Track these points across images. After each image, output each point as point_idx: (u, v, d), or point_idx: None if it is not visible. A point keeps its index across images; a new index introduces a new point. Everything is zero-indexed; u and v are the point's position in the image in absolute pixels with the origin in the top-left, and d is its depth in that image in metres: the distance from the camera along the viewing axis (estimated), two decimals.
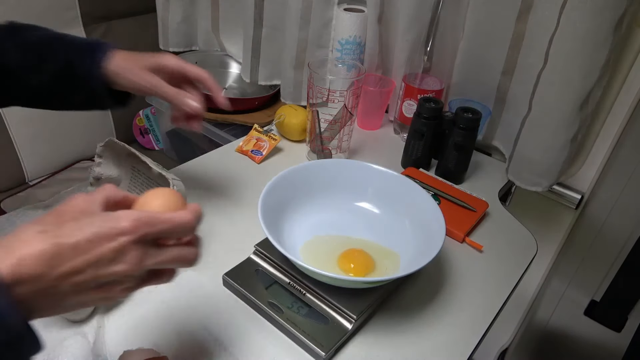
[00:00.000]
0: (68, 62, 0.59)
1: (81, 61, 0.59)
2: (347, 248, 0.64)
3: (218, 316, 0.58)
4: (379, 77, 1.00)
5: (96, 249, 0.33)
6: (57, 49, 0.59)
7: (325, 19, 0.99)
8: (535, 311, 1.11)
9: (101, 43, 0.60)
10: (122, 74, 0.58)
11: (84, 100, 0.62)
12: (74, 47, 0.60)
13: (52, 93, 0.61)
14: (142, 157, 0.64)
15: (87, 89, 0.60)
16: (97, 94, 0.60)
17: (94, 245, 0.33)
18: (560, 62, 0.73)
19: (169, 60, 0.59)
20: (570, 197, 0.93)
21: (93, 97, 0.61)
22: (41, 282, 0.32)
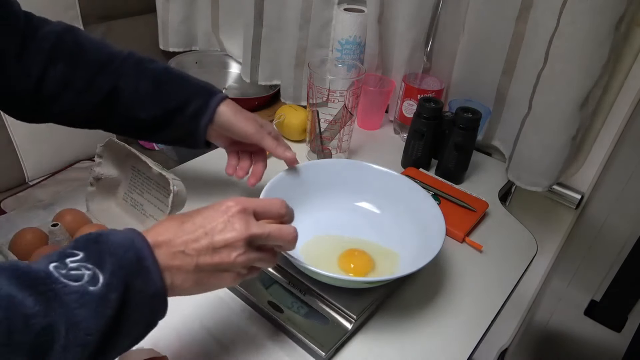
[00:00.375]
0: (183, 101, 0.62)
1: (196, 101, 0.62)
2: (347, 248, 0.64)
3: (218, 316, 0.58)
4: (379, 77, 1.00)
5: (210, 222, 0.42)
6: (175, 85, 0.63)
7: (325, 19, 0.99)
8: (535, 311, 1.11)
9: (214, 88, 0.65)
10: (229, 116, 0.63)
11: (176, 136, 0.65)
12: (192, 87, 0.64)
13: (154, 125, 0.64)
14: (142, 157, 0.64)
15: (189, 128, 0.63)
16: (195, 133, 0.63)
17: (207, 221, 0.42)
18: (560, 62, 0.73)
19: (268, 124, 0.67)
20: (570, 197, 0.92)
21: (189, 136, 0.64)
22: (170, 245, 0.40)
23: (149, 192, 0.67)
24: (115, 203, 0.71)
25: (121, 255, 0.37)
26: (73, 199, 0.72)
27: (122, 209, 0.70)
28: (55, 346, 0.32)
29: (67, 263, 0.35)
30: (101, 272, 0.35)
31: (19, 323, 0.31)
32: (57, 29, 0.60)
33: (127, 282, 0.36)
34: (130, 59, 0.62)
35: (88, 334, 0.33)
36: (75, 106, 0.61)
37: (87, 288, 0.34)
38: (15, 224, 0.65)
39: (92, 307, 0.34)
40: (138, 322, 0.38)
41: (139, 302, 0.37)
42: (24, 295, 0.32)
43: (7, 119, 1.12)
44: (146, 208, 0.67)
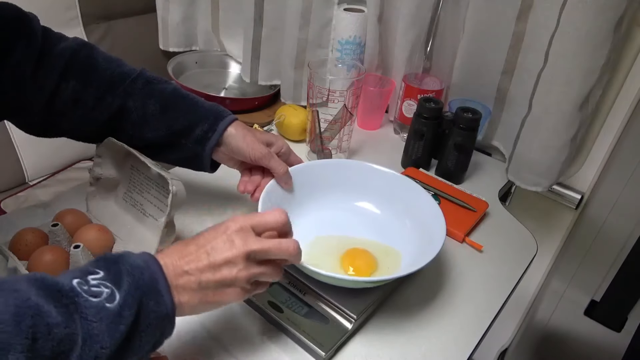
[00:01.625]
0: (189, 124, 0.62)
1: (202, 125, 0.62)
2: (347, 248, 0.64)
3: (218, 316, 0.58)
4: (379, 77, 1.00)
5: (210, 242, 0.44)
6: (182, 108, 0.63)
7: (325, 19, 0.99)
8: (535, 311, 1.11)
9: (222, 111, 0.64)
10: (234, 140, 0.62)
11: (179, 157, 0.66)
12: (200, 110, 0.63)
13: (158, 145, 0.64)
14: (141, 157, 0.64)
15: (194, 151, 0.63)
16: (202, 158, 0.64)
17: (208, 241, 0.44)
18: (560, 62, 0.73)
19: (279, 141, 0.66)
20: (570, 197, 0.93)
21: (194, 159, 0.64)
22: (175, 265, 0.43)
23: (149, 192, 0.67)
24: (115, 203, 0.70)
25: (137, 277, 0.40)
26: (73, 199, 0.72)
27: (122, 209, 0.69)
28: (73, 356, 0.34)
29: (89, 280, 0.38)
30: (118, 291, 0.38)
31: (44, 331, 0.33)
32: (72, 45, 0.60)
33: (141, 302, 0.39)
34: (141, 78, 0.62)
35: (103, 347, 0.36)
36: (84, 123, 0.62)
37: (105, 304, 0.37)
38: (15, 224, 0.65)
39: (108, 322, 0.36)
40: (147, 340, 0.40)
41: (150, 321, 0.40)
42: (50, 306, 0.34)
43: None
44: (146, 208, 0.67)
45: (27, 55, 0.57)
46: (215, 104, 0.66)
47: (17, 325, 0.32)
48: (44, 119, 0.61)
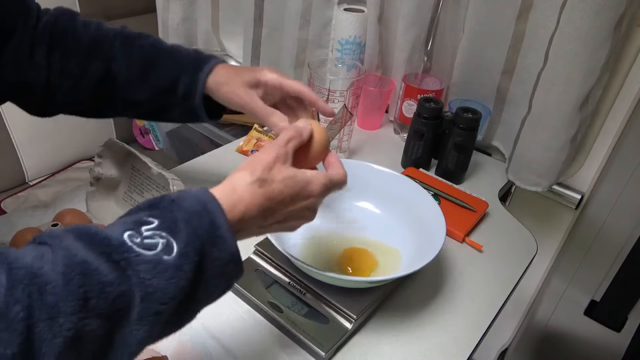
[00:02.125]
0: (172, 80, 0.61)
1: (184, 79, 0.60)
2: (347, 247, 0.64)
3: (218, 316, 0.58)
4: (379, 77, 1.00)
5: (295, 205, 0.43)
6: (162, 64, 0.61)
7: (325, 19, 0.99)
8: (535, 311, 1.11)
9: (205, 58, 0.62)
10: (219, 89, 0.59)
11: (179, 115, 0.64)
12: (179, 64, 0.61)
13: (152, 107, 0.63)
14: (142, 157, 0.64)
15: (186, 105, 0.61)
16: (194, 111, 0.62)
17: (293, 203, 0.43)
18: (560, 62, 0.73)
19: (266, 75, 0.59)
20: (570, 197, 0.93)
21: (189, 113, 0.63)
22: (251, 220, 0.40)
23: (149, 192, 0.67)
24: (115, 203, 0.71)
25: (196, 223, 0.36)
26: (73, 199, 0.72)
27: (122, 209, 0.70)
28: (131, 314, 0.32)
29: (142, 231, 0.34)
30: (175, 240, 0.35)
31: (96, 290, 0.31)
32: (53, 16, 0.60)
33: (203, 251, 0.36)
34: (118, 39, 0.61)
35: (163, 303, 0.33)
36: (75, 93, 0.60)
37: (162, 257, 0.34)
38: (15, 224, 0.65)
39: (166, 277, 0.33)
40: (215, 288, 0.38)
41: (215, 270, 0.37)
42: (100, 262, 0.31)
43: (7, 120, 1.12)
44: None
45: (24, 35, 0.56)
46: (194, 50, 0.63)
47: (66, 285, 0.30)
48: (44, 96, 0.60)
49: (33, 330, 0.28)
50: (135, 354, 0.34)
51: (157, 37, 0.64)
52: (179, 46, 0.63)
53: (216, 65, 0.61)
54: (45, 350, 0.28)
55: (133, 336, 0.33)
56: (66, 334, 0.29)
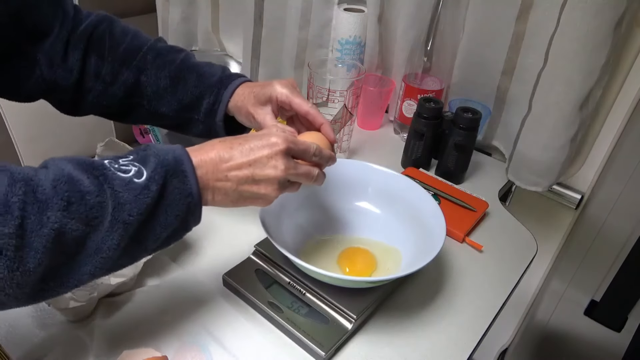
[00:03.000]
0: (196, 97, 0.62)
1: (208, 97, 0.62)
2: (347, 247, 0.64)
3: (218, 316, 0.58)
4: (379, 77, 1.00)
5: (255, 153, 0.47)
6: (189, 80, 0.63)
7: (325, 19, 0.99)
8: (535, 311, 1.11)
9: (230, 77, 0.63)
10: (239, 110, 0.62)
11: (200, 131, 0.65)
12: (204, 82, 0.63)
13: (175, 121, 0.65)
14: None
15: (207, 123, 0.63)
16: (215, 129, 0.64)
17: (253, 152, 0.47)
18: (560, 62, 0.73)
19: (277, 90, 0.60)
20: (570, 197, 0.93)
21: (209, 131, 0.64)
22: (214, 168, 0.46)
23: None
24: None
25: (163, 157, 0.43)
26: None
27: None
28: (105, 221, 0.39)
29: (119, 161, 0.42)
30: (145, 169, 0.42)
31: (77, 197, 0.38)
32: (94, 21, 0.61)
33: (166, 178, 0.42)
34: (152, 51, 0.63)
35: (130, 214, 0.40)
36: (105, 98, 0.62)
37: (132, 179, 0.41)
38: None
39: (135, 194, 0.41)
40: (172, 215, 0.43)
41: (175, 198, 0.43)
42: (83, 177, 0.39)
43: (7, 120, 1.12)
44: None
45: (60, 37, 0.58)
46: (222, 68, 0.64)
47: (54, 188, 0.37)
48: (75, 97, 0.62)
49: (25, 220, 0.35)
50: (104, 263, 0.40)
51: (188, 52, 0.66)
52: (208, 63, 0.65)
53: (241, 85, 0.62)
54: (34, 240, 0.35)
55: (104, 243, 0.40)
56: (52, 226, 0.36)
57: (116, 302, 0.59)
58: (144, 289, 0.61)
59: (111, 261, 0.41)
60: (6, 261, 0.35)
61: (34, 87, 0.59)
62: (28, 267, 0.36)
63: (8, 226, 0.34)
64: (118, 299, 0.59)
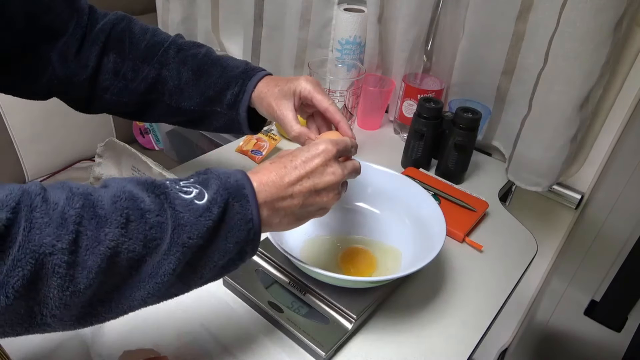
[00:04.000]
0: (220, 89, 0.62)
1: (232, 89, 0.62)
2: (347, 247, 0.64)
3: (218, 316, 0.58)
4: (379, 77, 1.00)
5: (310, 164, 0.47)
6: (212, 73, 0.63)
7: (325, 19, 0.99)
8: (535, 311, 1.11)
9: (253, 70, 0.63)
10: (261, 102, 0.62)
11: (222, 124, 0.65)
12: (228, 74, 0.63)
13: (196, 114, 0.64)
14: (143, 157, 0.64)
15: (230, 115, 0.63)
16: (238, 121, 0.63)
17: (307, 163, 0.47)
18: (560, 62, 0.73)
19: (300, 85, 0.60)
20: (570, 197, 0.93)
21: (232, 123, 0.64)
22: (277, 190, 0.45)
23: None
24: None
25: (224, 180, 0.42)
26: None
27: None
28: (163, 244, 0.37)
29: (180, 182, 0.41)
30: (207, 191, 0.41)
31: (137, 214, 0.36)
32: (112, 19, 0.62)
33: (228, 202, 0.41)
34: (173, 46, 0.63)
35: (190, 237, 0.38)
36: (125, 95, 0.63)
37: (194, 200, 0.40)
38: None
39: (197, 215, 0.39)
40: (232, 241, 0.41)
41: (236, 223, 0.41)
42: (144, 195, 0.38)
43: (7, 120, 1.12)
44: None
45: (74, 35, 0.59)
46: (245, 62, 0.65)
47: (114, 204, 0.36)
48: (90, 95, 0.62)
49: (81, 236, 0.33)
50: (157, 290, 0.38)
51: (209, 47, 0.66)
52: (230, 57, 0.65)
53: (264, 77, 0.63)
54: (88, 257, 0.33)
55: (160, 267, 0.37)
56: (108, 244, 0.34)
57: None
58: None
59: (164, 288, 0.39)
60: (57, 279, 0.32)
61: (47, 85, 0.60)
62: (79, 287, 0.33)
63: (62, 240, 0.32)
64: None
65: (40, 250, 0.32)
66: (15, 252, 0.31)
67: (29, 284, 0.31)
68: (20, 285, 0.31)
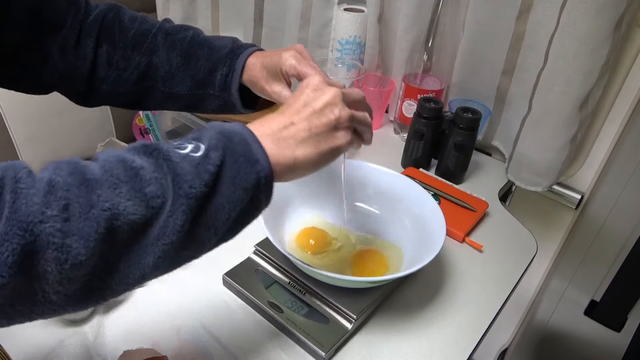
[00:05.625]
0: (209, 71, 0.61)
1: (221, 70, 0.61)
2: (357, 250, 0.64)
3: (218, 316, 0.58)
4: (379, 77, 1.00)
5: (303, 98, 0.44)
6: (200, 56, 0.62)
7: (325, 19, 0.99)
8: (535, 311, 1.11)
9: (240, 47, 0.62)
10: (251, 86, 0.61)
11: (217, 106, 0.64)
12: (216, 55, 0.62)
13: (191, 98, 0.64)
14: None
15: (223, 97, 0.62)
16: (231, 101, 0.62)
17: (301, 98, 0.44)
18: (560, 62, 0.73)
19: (286, 62, 0.58)
20: (570, 197, 0.93)
21: (226, 104, 0.63)
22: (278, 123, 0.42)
23: None
24: None
25: (219, 129, 0.39)
26: None
27: None
28: (166, 198, 0.35)
29: (173, 143, 0.38)
30: (202, 143, 0.38)
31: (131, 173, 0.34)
32: (103, 9, 0.62)
33: (227, 146, 0.38)
34: (161, 32, 0.63)
35: (192, 186, 0.35)
36: (119, 85, 0.62)
37: (190, 154, 0.37)
38: None
39: (194, 164, 0.36)
40: (241, 188, 0.38)
41: (240, 165, 0.38)
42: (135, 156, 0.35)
43: (7, 120, 1.12)
44: None
45: (72, 28, 0.59)
46: (232, 39, 0.64)
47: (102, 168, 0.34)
48: (89, 87, 0.62)
49: (72, 202, 0.31)
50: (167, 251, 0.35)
51: (197, 29, 0.65)
52: (218, 37, 0.64)
53: (251, 54, 0.61)
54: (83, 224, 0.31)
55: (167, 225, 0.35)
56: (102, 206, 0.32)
57: (116, 302, 0.59)
58: (144, 289, 0.61)
59: (175, 249, 0.36)
60: (53, 251, 0.30)
61: (48, 79, 0.60)
62: (79, 258, 0.31)
63: (51, 207, 0.30)
64: (118, 299, 0.59)
65: (28, 219, 0.29)
66: (2, 226, 0.29)
67: (21, 258, 0.29)
68: (13, 261, 0.29)
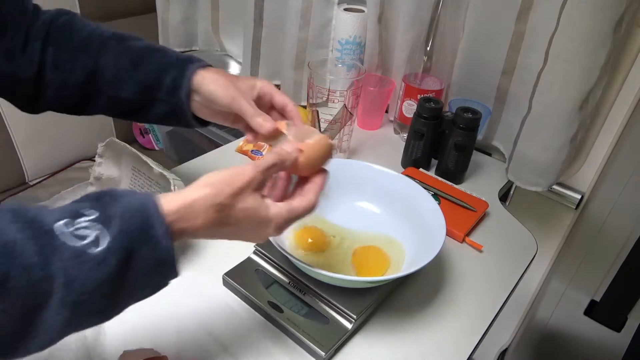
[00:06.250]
0: (158, 75, 0.60)
1: (171, 74, 0.60)
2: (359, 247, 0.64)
3: (218, 316, 0.58)
4: (379, 77, 1.00)
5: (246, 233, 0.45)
6: (151, 61, 0.61)
7: (325, 19, 0.99)
8: (535, 311, 1.11)
9: (194, 58, 0.61)
10: (207, 85, 0.58)
11: (164, 113, 0.62)
12: (166, 61, 0.61)
13: (137, 103, 0.62)
14: (143, 157, 0.64)
15: (170, 102, 0.60)
16: (179, 107, 0.60)
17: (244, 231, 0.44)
18: (560, 62, 0.73)
19: (261, 83, 0.59)
20: (570, 197, 0.93)
21: (173, 110, 0.61)
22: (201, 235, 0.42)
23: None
24: None
25: (128, 221, 0.37)
26: (73, 199, 0.72)
27: None
28: (53, 299, 0.33)
29: (76, 223, 0.35)
30: (106, 235, 0.35)
31: (18, 270, 0.32)
32: (53, 13, 0.61)
33: (131, 248, 0.36)
34: (114, 37, 0.62)
35: (83, 292, 0.34)
36: (64, 89, 0.61)
37: (86, 250, 0.34)
38: None
39: (87, 269, 0.34)
40: (143, 287, 0.39)
41: (144, 269, 0.37)
42: (27, 245, 0.33)
43: (7, 120, 1.12)
44: None
45: (19, 31, 0.58)
46: (188, 55, 0.63)
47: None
48: (34, 92, 0.61)
49: None
50: (55, 339, 0.36)
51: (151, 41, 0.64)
52: (170, 48, 0.64)
53: (206, 67, 0.60)
54: None
55: (53, 320, 0.34)
56: None
57: None
58: None
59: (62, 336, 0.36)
60: None
61: None
62: None
63: None
64: None
65: None
66: None
67: None
68: None
